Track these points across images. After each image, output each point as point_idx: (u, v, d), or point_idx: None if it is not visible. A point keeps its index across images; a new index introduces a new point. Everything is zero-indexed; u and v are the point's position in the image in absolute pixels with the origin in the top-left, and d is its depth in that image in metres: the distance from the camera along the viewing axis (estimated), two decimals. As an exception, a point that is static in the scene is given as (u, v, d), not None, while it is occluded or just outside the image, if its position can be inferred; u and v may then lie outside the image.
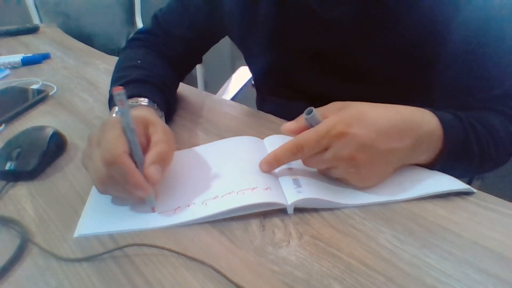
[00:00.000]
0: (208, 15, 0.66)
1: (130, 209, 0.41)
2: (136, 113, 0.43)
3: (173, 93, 0.66)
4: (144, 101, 0.52)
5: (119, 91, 0.37)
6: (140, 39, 0.70)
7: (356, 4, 0.52)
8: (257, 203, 0.39)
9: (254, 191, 0.41)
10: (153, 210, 0.41)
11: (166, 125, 0.46)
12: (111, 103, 0.56)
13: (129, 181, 0.37)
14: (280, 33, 0.60)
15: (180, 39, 0.68)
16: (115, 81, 0.59)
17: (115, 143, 0.38)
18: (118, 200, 0.43)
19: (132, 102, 0.51)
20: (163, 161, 0.40)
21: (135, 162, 0.38)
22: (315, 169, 0.45)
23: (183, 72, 0.72)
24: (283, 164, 0.44)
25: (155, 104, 0.53)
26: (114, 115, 0.49)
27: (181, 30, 0.68)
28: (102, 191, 0.41)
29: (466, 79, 0.51)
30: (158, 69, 0.62)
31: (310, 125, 0.42)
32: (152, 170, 0.38)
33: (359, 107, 0.42)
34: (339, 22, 0.54)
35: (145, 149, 0.41)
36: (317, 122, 0.41)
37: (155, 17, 0.70)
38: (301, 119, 0.43)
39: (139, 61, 0.62)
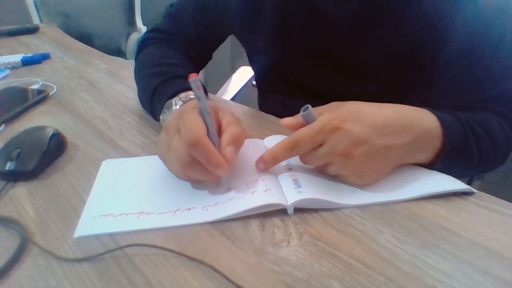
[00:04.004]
0: (217, 12, 0.67)
1: (130, 210, 0.41)
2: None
3: None
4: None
5: (195, 77, 0.39)
6: (159, 38, 0.70)
7: (359, 2, 0.52)
8: (257, 206, 0.39)
9: (254, 194, 0.41)
10: (228, 190, 0.42)
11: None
12: (158, 95, 0.56)
13: (210, 161, 0.39)
14: (284, 30, 0.60)
15: (197, 40, 0.69)
16: (155, 76, 0.59)
17: (196, 126, 0.39)
18: (127, 197, 0.43)
19: (185, 95, 0.52)
20: (237, 141, 0.42)
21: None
22: (315, 169, 0.45)
23: (200, 70, 0.74)
24: (280, 161, 0.44)
25: (207, 97, 0.55)
26: (176, 107, 0.50)
27: (196, 30, 0.68)
28: (183, 176, 0.42)
29: (465, 79, 0.51)
30: (191, 68, 0.64)
31: (306, 122, 0.42)
32: (228, 150, 0.40)
33: (355, 105, 0.42)
34: (341, 20, 0.54)
35: (217, 133, 0.42)
36: (313, 119, 0.41)
37: (169, 16, 0.71)
38: (300, 117, 0.43)
39: (174, 60, 0.63)
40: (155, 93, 0.57)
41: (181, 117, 0.41)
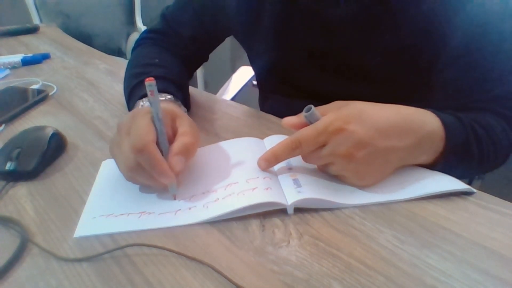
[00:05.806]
0: (215, 14, 0.67)
1: (131, 210, 0.41)
2: (164, 105, 0.45)
3: (188, 91, 0.67)
4: (168, 97, 0.53)
5: (151, 82, 0.39)
6: (152, 38, 0.71)
7: (358, 4, 0.52)
8: (257, 203, 0.39)
9: (254, 191, 0.41)
10: (174, 198, 0.42)
11: (191, 120, 0.47)
12: (132, 97, 0.56)
13: (154, 168, 0.39)
14: (284, 32, 0.60)
15: (190, 39, 0.69)
16: (133, 77, 0.59)
17: (144, 132, 0.39)
18: (119, 199, 0.43)
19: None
20: (187, 152, 0.42)
21: (161, 151, 0.40)
22: (315, 169, 0.45)
23: (193, 70, 0.74)
24: (281, 161, 0.44)
25: (179, 101, 0.55)
26: (140, 107, 0.50)
27: (191, 30, 0.68)
28: (130, 178, 0.42)
29: (465, 79, 0.51)
30: (175, 68, 0.64)
31: (309, 123, 0.42)
32: (176, 159, 0.40)
33: (358, 105, 0.42)
34: (341, 22, 0.54)
35: (171, 140, 0.43)
36: (316, 120, 0.41)
37: (164, 17, 0.71)
38: (302, 116, 0.43)
39: (156, 60, 0.63)
40: (131, 94, 0.57)
41: (133, 120, 0.41)
